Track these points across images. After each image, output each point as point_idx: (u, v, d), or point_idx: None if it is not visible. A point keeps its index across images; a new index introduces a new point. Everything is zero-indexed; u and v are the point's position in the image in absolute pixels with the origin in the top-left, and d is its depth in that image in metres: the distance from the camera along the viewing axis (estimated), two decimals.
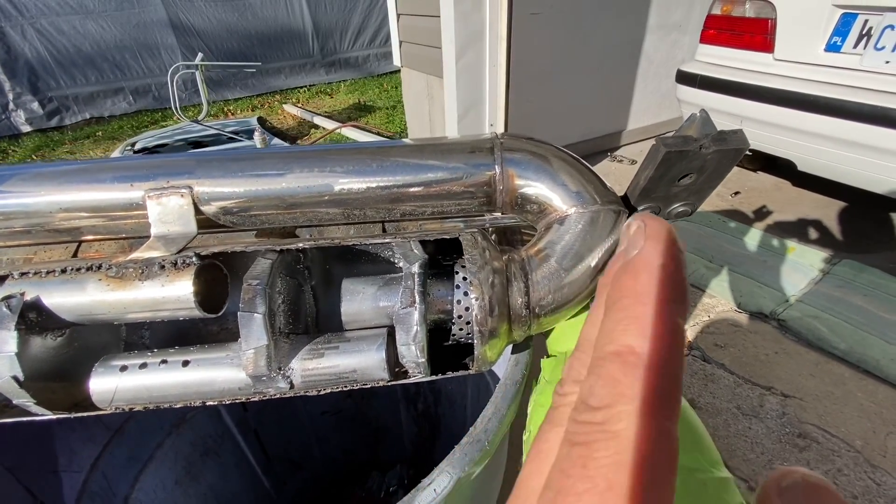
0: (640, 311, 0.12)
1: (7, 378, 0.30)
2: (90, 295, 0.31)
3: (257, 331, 0.29)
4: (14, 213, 0.35)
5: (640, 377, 0.12)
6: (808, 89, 1.78)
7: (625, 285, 0.13)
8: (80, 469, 0.55)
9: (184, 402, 0.32)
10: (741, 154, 0.34)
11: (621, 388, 0.12)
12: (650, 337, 0.12)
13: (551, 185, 0.35)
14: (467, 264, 0.32)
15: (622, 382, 0.12)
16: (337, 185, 0.35)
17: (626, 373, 0.12)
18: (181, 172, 0.35)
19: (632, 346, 0.12)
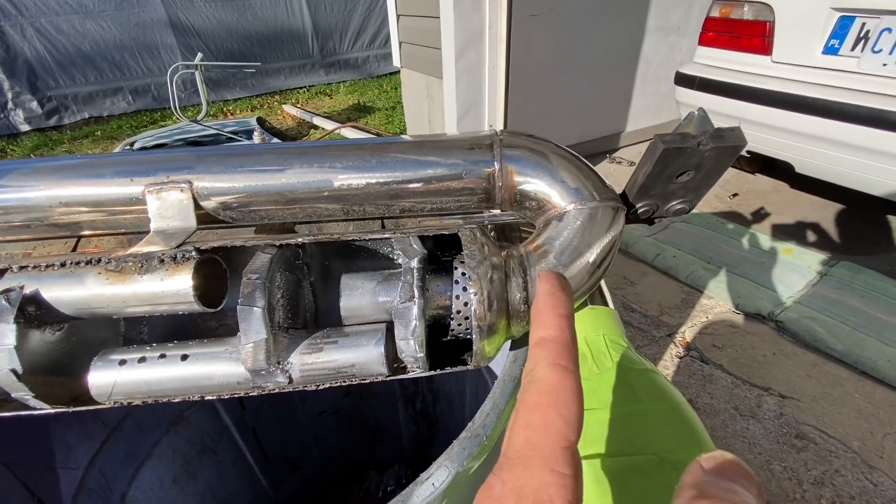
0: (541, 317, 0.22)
1: (6, 371, 0.30)
2: (89, 288, 0.31)
3: (256, 325, 0.29)
4: (13, 207, 0.35)
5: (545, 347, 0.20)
6: (805, 91, 1.79)
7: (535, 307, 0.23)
8: (77, 466, 0.55)
9: (182, 396, 0.32)
10: (738, 151, 0.34)
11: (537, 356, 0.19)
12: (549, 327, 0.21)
13: (550, 182, 0.35)
14: (466, 259, 0.32)
15: (537, 354, 0.20)
16: (336, 180, 0.35)
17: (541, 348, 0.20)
18: (181, 167, 0.35)
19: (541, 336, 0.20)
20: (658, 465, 0.33)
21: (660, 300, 1.77)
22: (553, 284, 0.23)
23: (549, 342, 0.20)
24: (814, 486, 1.12)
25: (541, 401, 0.17)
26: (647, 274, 1.94)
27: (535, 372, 0.19)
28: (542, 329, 0.21)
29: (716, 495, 0.14)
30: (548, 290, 0.23)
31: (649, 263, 1.99)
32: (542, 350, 0.19)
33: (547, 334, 0.20)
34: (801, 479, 1.14)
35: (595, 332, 0.38)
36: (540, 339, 0.20)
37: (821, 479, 1.13)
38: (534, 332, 0.21)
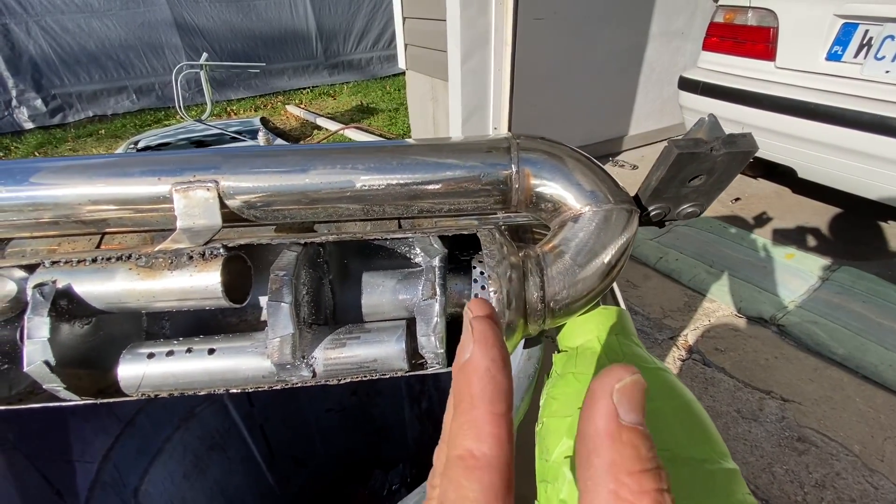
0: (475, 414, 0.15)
1: (39, 363, 0.30)
2: (120, 283, 0.32)
3: (284, 320, 0.30)
4: (43, 204, 0.36)
5: (478, 479, 0.14)
6: (808, 97, 1.80)
7: (462, 389, 0.16)
8: (92, 459, 0.56)
9: (209, 389, 0.33)
10: (750, 156, 0.35)
11: (464, 492, 0.14)
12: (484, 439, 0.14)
13: (566, 185, 0.36)
14: (485, 259, 0.33)
15: (465, 486, 0.14)
16: (358, 181, 0.36)
17: (468, 476, 0.14)
18: (208, 167, 0.36)
19: (471, 450, 0.14)
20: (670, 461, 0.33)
21: (662, 303, 1.78)
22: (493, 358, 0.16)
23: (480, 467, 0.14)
24: (815, 488, 1.13)
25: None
26: (649, 277, 1.95)
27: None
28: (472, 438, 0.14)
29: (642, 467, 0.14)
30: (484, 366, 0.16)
31: (652, 266, 2.00)
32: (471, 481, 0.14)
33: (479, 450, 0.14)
34: (803, 482, 1.14)
35: (607, 332, 0.39)
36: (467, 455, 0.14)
37: (822, 481, 1.14)
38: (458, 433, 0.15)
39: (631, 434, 0.14)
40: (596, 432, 0.14)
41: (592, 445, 0.14)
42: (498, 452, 0.14)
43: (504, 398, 0.15)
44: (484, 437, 0.14)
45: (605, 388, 0.15)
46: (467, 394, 0.15)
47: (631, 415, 0.14)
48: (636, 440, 0.14)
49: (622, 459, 0.13)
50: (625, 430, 0.14)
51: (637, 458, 0.14)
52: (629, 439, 0.14)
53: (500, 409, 0.15)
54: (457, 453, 0.14)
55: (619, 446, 0.14)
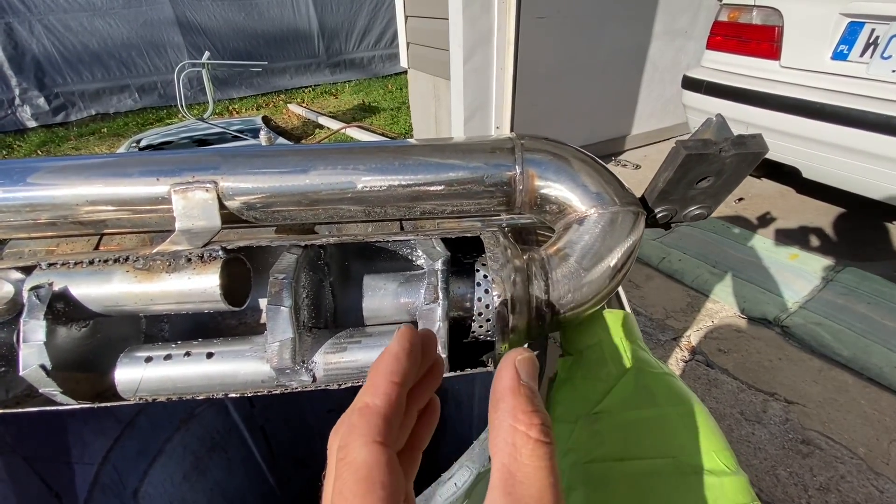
0: (377, 380, 0.20)
1: (35, 367, 0.30)
2: (117, 286, 0.32)
3: (283, 324, 0.29)
4: (41, 204, 0.36)
5: (366, 420, 0.18)
6: (814, 97, 1.79)
7: (373, 364, 0.21)
8: (92, 461, 0.55)
9: (207, 393, 0.33)
10: (759, 158, 0.35)
11: (355, 429, 0.18)
12: (378, 396, 0.19)
13: (571, 186, 0.35)
14: (489, 262, 0.32)
15: (356, 425, 0.18)
16: (360, 182, 0.36)
17: (360, 419, 0.19)
18: (206, 167, 0.35)
19: (367, 403, 0.19)
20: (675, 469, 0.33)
21: (665, 304, 1.77)
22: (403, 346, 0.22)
23: (371, 413, 0.19)
24: (819, 491, 1.12)
25: (358, 489, 0.17)
26: (652, 277, 1.94)
27: (350, 450, 0.18)
28: (370, 394, 0.19)
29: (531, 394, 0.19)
30: (394, 351, 0.21)
31: (654, 267, 1.99)
32: (362, 421, 0.18)
33: (372, 402, 0.19)
34: (807, 485, 1.13)
35: (612, 336, 0.39)
36: (364, 406, 0.19)
37: (826, 484, 1.13)
38: (363, 391, 0.20)
39: (526, 389, 0.20)
40: (503, 387, 0.20)
41: (500, 395, 0.20)
42: (386, 405, 0.19)
43: (402, 373, 0.20)
44: (379, 395, 0.19)
45: (511, 359, 0.21)
46: (375, 366, 0.21)
47: (527, 378, 0.20)
48: (529, 393, 0.19)
49: (519, 404, 0.19)
50: (522, 386, 0.20)
51: (529, 403, 0.19)
52: (524, 392, 0.19)
53: (395, 379, 0.20)
54: (357, 406, 0.19)
55: (518, 396, 0.19)
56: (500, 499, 0.17)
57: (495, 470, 0.18)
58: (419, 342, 0.23)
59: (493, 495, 0.17)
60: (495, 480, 0.18)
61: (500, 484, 0.17)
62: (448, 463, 0.40)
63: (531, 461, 0.18)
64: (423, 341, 0.23)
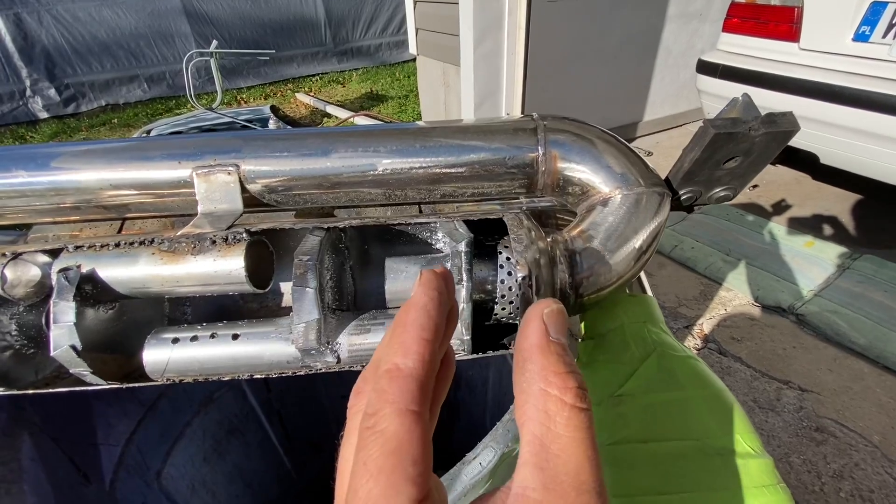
0: (405, 337, 0.17)
1: (66, 347, 0.30)
2: (143, 268, 0.32)
3: (309, 305, 0.30)
4: (64, 188, 0.36)
5: (398, 385, 0.16)
6: (834, 80, 1.74)
7: (399, 318, 0.18)
8: (116, 443, 0.57)
9: (233, 374, 0.33)
10: (790, 137, 0.34)
11: (386, 395, 0.16)
12: (409, 356, 0.17)
13: (595, 167, 0.35)
14: (512, 244, 0.32)
15: (387, 390, 0.16)
16: (380, 164, 0.35)
17: (391, 383, 0.16)
18: (228, 151, 0.35)
19: (397, 364, 0.17)
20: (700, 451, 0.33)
21: (677, 292, 1.76)
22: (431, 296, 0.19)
23: (403, 376, 0.16)
24: (833, 479, 1.12)
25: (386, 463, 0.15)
26: (664, 265, 1.92)
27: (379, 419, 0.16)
28: (399, 354, 0.17)
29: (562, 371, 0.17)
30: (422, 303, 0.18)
31: (666, 255, 1.97)
32: (393, 386, 0.16)
33: (404, 364, 0.17)
34: (821, 472, 1.13)
35: (635, 320, 0.38)
36: (394, 368, 0.16)
37: (840, 472, 1.13)
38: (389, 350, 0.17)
39: (556, 346, 0.17)
40: (530, 345, 0.17)
41: (527, 355, 0.17)
42: (419, 367, 0.17)
43: (433, 328, 0.18)
44: (410, 355, 0.17)
45: (537, 313, 0.18)
46: (402, 321, 0.18)
47: (557, 334, 0.18)
48: (560, 351, 0.17)
49: (550, 364, 0.17)
50: (552, 343, 0.17)
51: (562, 363, 0.17)
52: (555, 350, 0.17)
53: (427, 336, 0.17)
54: (385, 368, 0.17)
55: (548, 354, 0.17)
56: (531, 475, 0.15)
57: (525, 443, 0.15)
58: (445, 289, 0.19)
59: (523, 472, 0.15)
60: (526, 455, 0.15)
61: (531, 458, 0.15)
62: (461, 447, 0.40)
63: (567, 431, 0.15)
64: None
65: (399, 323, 0.18)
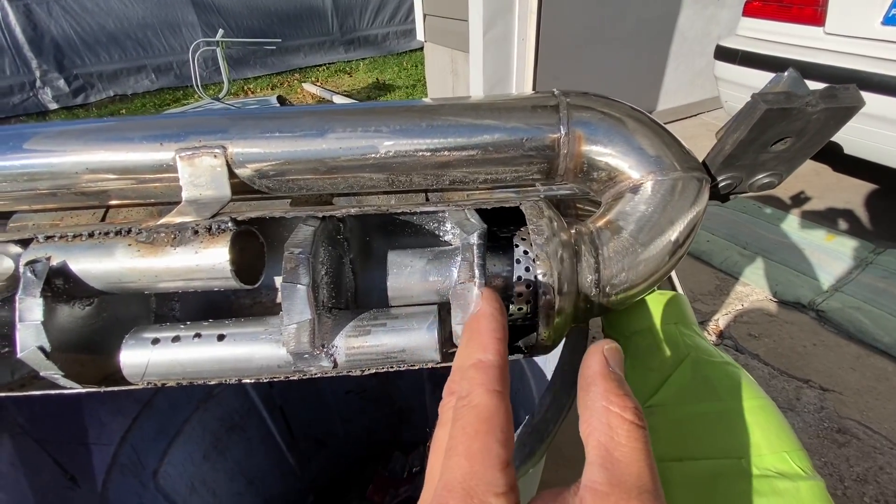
0: (483, 339, 0.22)
1: (33, 348, 0.27)
2: (119, 261, 0.29)
3: (300, 304, 0.26)
4: (38, 173, 0.33)
5: (484, 373, 0.20)
6: (862, 65, 1.66)
7: (472, 327, 0.23)
8: (109, 442, 0.54)
9: (219, 378, 0.30)
10: (852, 114, 0.30)
11: (474, 382, 0.20)
12: (489, 351, 0.21)
13: (626, 150, 0.31)
14: (532, 236, 0.28)
15: (475, 378, 0.20)
16: (382, 146, 0.32)
17: (477, 373, 0.20)
18: (214, 131, 0.32)
19: (480, 359, 0.21)
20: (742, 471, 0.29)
21: (692, 286, 1.71)
22: (495, 307, 0.23)
23: (487, 367, 0.20)
24: (856, 482, 1.07)
25: (480, 428, 0.18)
26: None
27: (472, 397, 0.19)
28: (480, 351, 0.21)
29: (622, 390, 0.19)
30: (490, 312, 0.23)
31: None
32: (480, 374, 0.20)
33: (486, 358, 0.21)
34: (843, 476, 1.09)
35: (667, 321, 0.35)
36: (478, 362, 0.21)
37: (864, 475, 1.08)
38: (470, 351, 0.21)
39: (616, 375, 0.20)
40: (593, 372, 0.20)
41: (591, 379, 0.20)
42: (499, 359, 0.21)
43: (502, 329, 0.22)
44: (490, 350, 0.21)
45: (598, 348, 0.21)
46: (476, 328, 0.22)
47: (615, 365, 0.21)
48: (619, 379, 0.20)
49: (611, 388, 0.19)
50: (612, 372, 0.20)
51: (621, 387, 0.19)
52: (615, 377, 0.20)
53: (499, 336, 0.22)
54: (470, 363, 0.21)
55: (609, 380, 0.20)
56: (598, 473, 0.17)
57: (591, 448, 0.18)
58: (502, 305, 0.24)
59: (591, 470, 0.17)
60: (592, 457, 0.18)
61: (597, 460, 0.18)
62: None
63: (628, 441, 0.18)
64: None
65: (473, 330, 0.22)
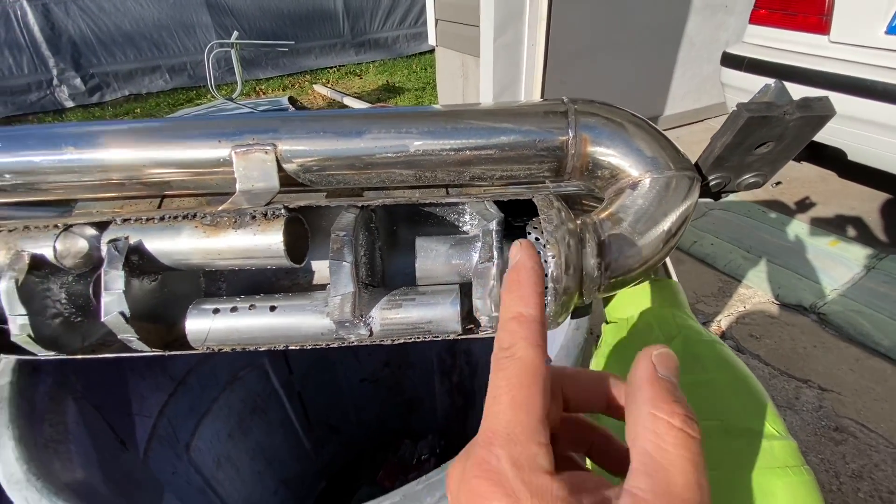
0: (523, 291, 0.22)
1: (115, 314, 0.32)
2: (186, 241, 0.33)
3: (345, 278, 0.31)
4: (111, 165, 0.38)
5: (525, 327, 0.21)
6: (865, 74, 1.69)
7: (513, 279, 0.23)
8: (149, 414, 0.59)
9: (269, 345, 0.34)
10: (825, 122, 0.34)
11: (515, 335, 0.20)
12: (530, 305, 0.21)
13: (626, 151, 0.35)
14: (543, 224, 0.32)
15: (516, 331, 0.21)
16: (412, 146, 0.36)
17: (518, 326, 0.21)
18: (266, 130, 0.37)
19: (520, 312, 0.21)
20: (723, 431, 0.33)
21: (695, 288, 1.74)
22: (535, 259, 0.24)
23: (529, 321, 0.21)
24: (851, 479, 1.10)
25: (524, 380, 0.19)
26: (682, 261, 1.90)
27: (515, 349, 0.20)
28: (522, 305, 0.21)
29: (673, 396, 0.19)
30: (531, 265, 0.23)
31: (685, 251, 1.95)
32: (523, 328, 0.21)
33: (527, 312, 0.21)
34: (839, 472, 1.12)
35: (660, 305, 0.39)
36: (519, 315, 0.21)
37: (859, 472, 1.11)
38: (512, 304, 0.22)
39: (664, 381, 0.19)
40: (640, 378, 0.20)
41: (638, 385, 0.19)
42: (539, 314, 0.21)
43: (541, 283, 0.23)
44: (530, 304, 0.21)
45: (647, 353, 0.21)
46: (517, 280, 0.23)
47: (665, 371, 0.20)
48: (668, 385, 0.19)
49: (658, 393, 0.19)
50: (660, 378, 0.19)
51: (669, 393, 0.19)
52: (663, 383, 0.19)
53: (539, 290, 0.22)
54: (510, 315, 0.21)
55: (657, 386, 0.19)
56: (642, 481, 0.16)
57: (636, 454, 0.17)
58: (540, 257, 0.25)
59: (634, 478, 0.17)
60: (636, 464, 0.17)
61: (641, 467, 0.17)
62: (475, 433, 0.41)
63: (676, 450, 0.17)
64: None
65: (514, 281, 0.23)
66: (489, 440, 0.18)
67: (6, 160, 0.36)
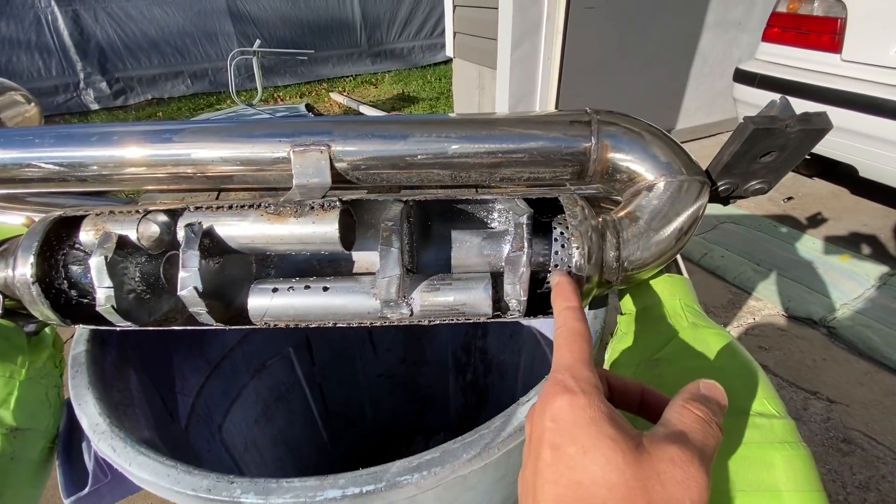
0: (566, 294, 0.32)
1: (190, 289, 0.37)
2: (252, 227, 0.38)
3: (393, 262, 0.35)
4: (185, 160, 0.43)
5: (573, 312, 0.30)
6: (876, 92, 1.72)
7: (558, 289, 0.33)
8: (189, 394, 0.64)
9: (321, 321, 0.39)
10: (823, 134, 0.38)
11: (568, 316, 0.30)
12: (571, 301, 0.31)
13: (643, 157, 0.39)
14: (567, 219, 0.36)
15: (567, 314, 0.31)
16: (451, 149, 0.41)
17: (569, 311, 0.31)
18: (321, 132, 0.41)
19: (567, 306, 0.31)
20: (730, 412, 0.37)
21: (705, 299, 1.76)
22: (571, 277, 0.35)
23: (572, 309, 0.31)
24: (858, 489, 1.11)
25: (575, 338, 0.28)
26: (692, 273, 1.92)
27: (568, 322, 0.30)
28: (567, 301, 0.32)
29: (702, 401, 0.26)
30: (567, 280, 0.34)
31: (696, 262, 1.97)
32: (570, 312, 0.31)
33: (570, 304, 0.31)
34: (846, 482, 1.13)
35: (671, 297, 0.42)
36: (568, 307, 0.31)
37: (866, 483, 1.12)
38: (562, 302, 0.32)
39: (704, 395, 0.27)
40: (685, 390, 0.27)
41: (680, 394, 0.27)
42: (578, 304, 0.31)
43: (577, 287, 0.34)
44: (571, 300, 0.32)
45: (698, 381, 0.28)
46: (561, 290, 0.33)
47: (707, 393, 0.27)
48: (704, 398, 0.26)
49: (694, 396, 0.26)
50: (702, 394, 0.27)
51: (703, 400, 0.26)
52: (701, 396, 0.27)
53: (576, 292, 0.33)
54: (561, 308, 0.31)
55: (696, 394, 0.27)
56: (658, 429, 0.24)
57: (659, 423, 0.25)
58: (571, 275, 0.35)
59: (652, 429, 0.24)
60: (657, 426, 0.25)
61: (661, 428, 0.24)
62: None
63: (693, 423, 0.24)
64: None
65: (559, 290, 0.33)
66: (556, 370, 0.27)
67: (96, 154, 0.41)
